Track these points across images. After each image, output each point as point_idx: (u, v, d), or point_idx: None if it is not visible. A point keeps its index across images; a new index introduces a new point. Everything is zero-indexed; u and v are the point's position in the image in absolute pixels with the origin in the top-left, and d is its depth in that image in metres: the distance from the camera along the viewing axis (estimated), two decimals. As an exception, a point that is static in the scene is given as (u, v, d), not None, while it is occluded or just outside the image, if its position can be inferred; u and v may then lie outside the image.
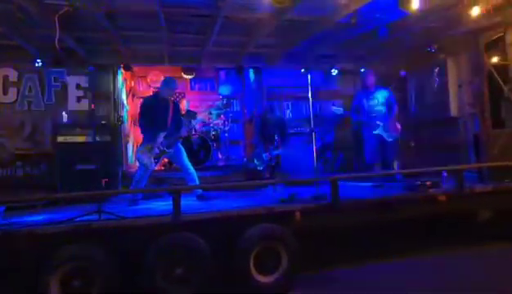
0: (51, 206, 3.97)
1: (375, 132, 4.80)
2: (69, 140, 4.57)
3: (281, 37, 5.23)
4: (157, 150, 3.98)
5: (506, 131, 4.56)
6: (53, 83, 5.48)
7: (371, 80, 4.96)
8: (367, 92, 5.01)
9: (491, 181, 4.23)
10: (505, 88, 4.71)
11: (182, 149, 4.28)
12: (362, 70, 6.14)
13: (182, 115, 6.06)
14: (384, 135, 4.78)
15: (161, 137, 3.98)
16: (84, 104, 5.44)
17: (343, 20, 4.30)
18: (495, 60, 4.77)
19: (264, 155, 4.96)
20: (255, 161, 5.11)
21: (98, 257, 2.78)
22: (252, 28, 4.79)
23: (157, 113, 4.07)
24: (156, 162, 4.04)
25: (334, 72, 6.45)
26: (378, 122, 4.79)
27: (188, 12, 4.22)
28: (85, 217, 3.02)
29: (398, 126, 4.78)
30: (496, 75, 4.61)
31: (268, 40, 5.21)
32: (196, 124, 5.55)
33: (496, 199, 4.09)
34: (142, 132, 4.19)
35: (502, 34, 4.80)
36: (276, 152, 5.02)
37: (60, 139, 4.56)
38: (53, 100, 5.46)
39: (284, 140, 5.12)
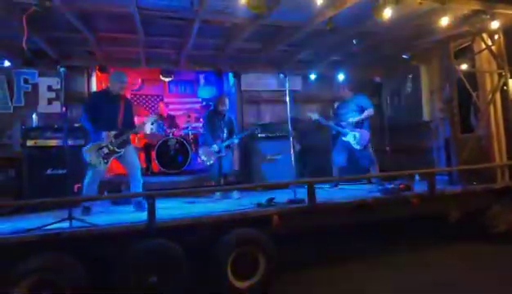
0: (18, 213, 3.79)
1: (344, 139, 4.98)
2: (40, 143, 4.38)
3: (260, 42, 5.25)
4: (106, 150, 3.70)
5: (474, 135, 4.75)
6: (23, 85, 5.26)
7: (346, 92, 5.15)
8: (343, 102, 5.27)
9: (460, 184, 4.40)
10: (474, 94, 4.93)
11: (134, 151, 4.00)
12: (341, 78, 6.25)
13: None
14: (352, 142, 4.88)
15: (110, 136, 3.72)
16: (56, 107, 5.25)
17: (320, 26, 4.37)
18: (464, 67, 4.98)
19: (213, 147, 4.63)
20: (202, 157, 4.71)
21: (68, 267, 2.67)
22: (230, 32, 4.77)
23: (105, 110, 3.79)
24: (106, 163, 3.74)
25: (313, 76, 6.55)
26: (346, 130, 4.90)
27: (165, 15, 4.15)
28: (55, 225, 2.90)
29: (367, 133, 4.85)
30: (465, 82, 4.81)
31: (247, 44, 5.21)
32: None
33: (465, 201, 4.26)
34: (89, 129, 3.87)
35: (470, 43, 5.04)
36: (225, 143, 4.71)
37: (30, 143, 4.36)
38: (23, 101, 5.24)
39: (232, 136, 4.83)
